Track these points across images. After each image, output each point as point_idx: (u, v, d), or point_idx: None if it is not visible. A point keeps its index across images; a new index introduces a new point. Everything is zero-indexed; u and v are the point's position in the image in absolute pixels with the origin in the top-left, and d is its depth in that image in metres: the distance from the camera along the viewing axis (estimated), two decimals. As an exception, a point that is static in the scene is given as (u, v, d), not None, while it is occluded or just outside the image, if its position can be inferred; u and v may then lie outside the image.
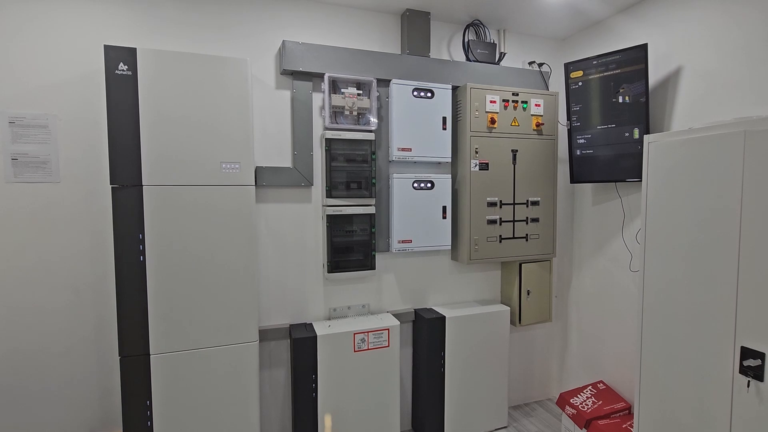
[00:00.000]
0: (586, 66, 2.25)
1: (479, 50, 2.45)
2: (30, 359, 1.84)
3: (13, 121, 1.77)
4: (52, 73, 1.81)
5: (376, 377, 2.16)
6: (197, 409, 1.81)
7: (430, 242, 2.32)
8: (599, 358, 2.56)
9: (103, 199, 1.89)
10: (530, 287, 2.54)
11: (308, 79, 2.14)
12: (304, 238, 2.21)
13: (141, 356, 1.73)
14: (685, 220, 1.58)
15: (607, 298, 2.49)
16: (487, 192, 2.36)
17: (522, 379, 2.80)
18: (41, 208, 1.82)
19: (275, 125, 2.14)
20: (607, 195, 2.48)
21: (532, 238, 2.48)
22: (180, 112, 1.73)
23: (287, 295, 2.21)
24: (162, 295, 1.74)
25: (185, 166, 1.75)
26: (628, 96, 2.11)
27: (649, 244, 1.73)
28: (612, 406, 2.24)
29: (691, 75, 1.98)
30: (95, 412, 1.94)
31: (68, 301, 1.88)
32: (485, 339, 2.40)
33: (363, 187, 2.19)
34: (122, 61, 1.66)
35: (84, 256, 1.89)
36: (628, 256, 2.32)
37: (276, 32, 2.12)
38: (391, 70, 2.24)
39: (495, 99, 2.34)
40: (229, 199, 1.82)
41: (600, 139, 2.26)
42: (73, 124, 1.85)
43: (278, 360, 2.20)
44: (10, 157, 1.77)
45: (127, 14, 1.90)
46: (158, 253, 1.73)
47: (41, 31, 1.79)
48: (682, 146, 1.59)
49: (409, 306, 2.46)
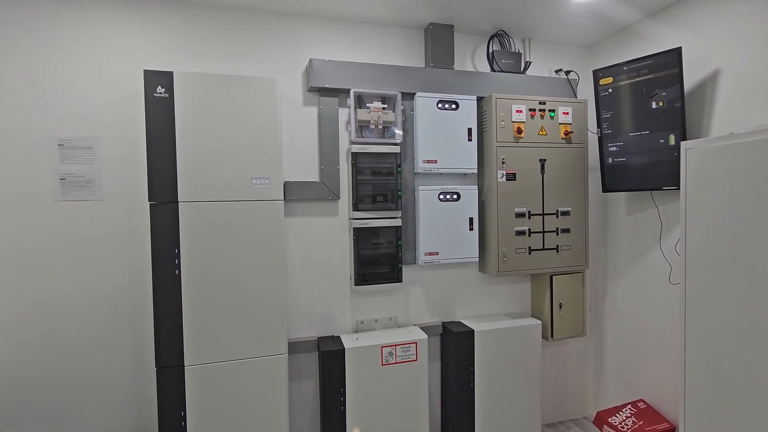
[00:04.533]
0: (616, 72, 2.20)
1: (504, 60, 2.43)
2: (72, 369, 1.93)
3: (62, 143, 1.89)
4: (95, 97, 1.93)
5: (404, 391, 2.13)
6: (229, 420, 1.84)
7: (457, 254, 2.30)
8: (638, 375, 2.43)
9: (141, 215, 1.98)
10: (562, 300, 2.46)
11: (334, 95, 2.19)
12: (331, 252, 2.24)
13: (176, 368, 1.79)
14: (729, 229, 1.50)
15: (646, 311, 2.37)
16: (515, 202, 2.32)
17: (555, 396, 2.69)
18: (86, 225, 1.93)
19: (302, 141, 2.19)
20: (642, 204, 2.38)
21: (563, 249, 2.41)
22: (213, 131, 1.81)
23: (315, 308, 2.23)
24: (196, 308, 1.80)
25: (218, 182, 1.81)
26: (662, 101, 2.03)
27: (690, 256, 1.65)
28: (654, 427, 2.12)
29: (729, 78, 1.89)
30: (132, 420, 2.01)
31: (108, 313, 1.97)
32: (516, 354, 2.33)
33: (389, 200, 2.20)
34: (160, 84, 1.75)
35: (123, 270, 1.98)
36: (667, 268, 2.21)
37: (303, 50, 2.18)
38: (415, 83, 2.26)
39: (521, 108, 2.31)
40: (260, 214, 1.87)
41: (633, 146, 2.18)
42: (114, 144, 1.96)
43: (306, 372, 2.22)
44: (59, 177, 1.89)
45: (164, 38, 2.01)
46: (192, 267, 1.79)
47: (86, 58, 1.92)
48: (724, 152, 1.52)
49: (436, 319, 2.43)
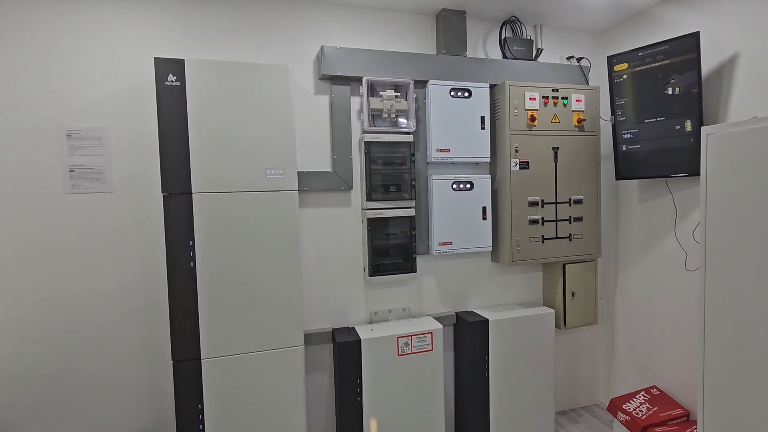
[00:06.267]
0: (631, 58, 2.17)
1: (516, 47, 2.40)
2: (86, 365, 1.91)
3: (71, 134, 1.84)
4: (104, 87, 1.88)
5: (420, 382, 2.13)
6: (246, 412, 1.83)
7: (471, 244, 2.28)
8: (651, 362, 2.44)
9: (152, 207, 1.95)
10: (575, 289, 2.46)
11: (346, 84, 2.15)
12: (345, 242, 2.22)
13: (193, 360, 1.77)
14: (751, 214, 1.49)
15: (659, 298, 2.37)
16: (528, 191, 2.30)
17: (568, 383, 2.70)
18: (96, 217, 1.89)
19: (314, 130, 2.16)
20: (656, 191, 2.37)
21: (576, 237, 2.40)
22: (226, 120, 1.77)
23: (329, 299, 2.21)
24: (211, 301, 1.77)
25: (232, 173, 1.78)
26: (679, 87, 2.01)
27: (711, 242, 1.64)
28: (669, 413, 2.13)
29: (749, 62, 1.87)
30: (147, 414, 2.00)
31: (121, 308, 1.94)
32: (529, 342, 2.33)
33: (402, 190, 2.18)
34: (171, 72, 1.70)
35: (135, 263, 1.95)
36: (683, 255, 2.21)
37: (314, 38, 2.14)
38: (427, 70, 2.22)
39: (534, 96, 2.28)
40: (274, 205, 1.84)
41: (648, 133, 2.16)
42: (124, 135, 1.91)
43: (322, 364, 2.21)
44: (68, 169, 1.85)
45: (173, 26, 1.96)
46: (207, 259, 1.76)
47: (93, 47, 1.87)
48: (746, 137, 1.50)
49: (449, 309, 2.42)
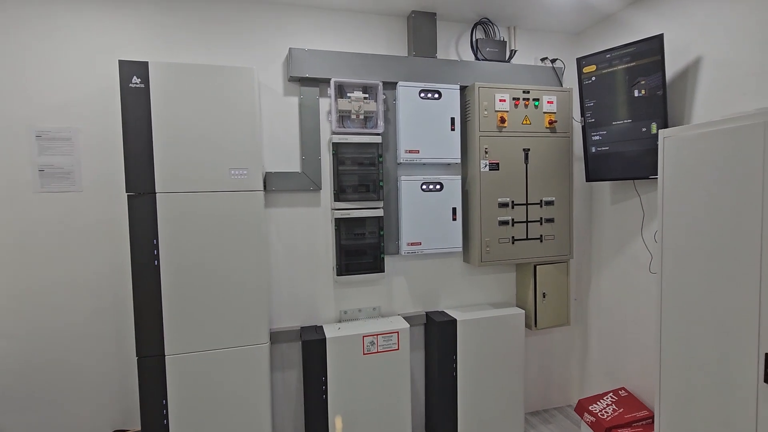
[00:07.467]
0: (599, 60, 2.18)
1: (488, 48, 2.41)
2: (55, 360, 1.95)
3: (40, 134, 1.88)
4: (74, 89, 1.92)
5: (386, 380, 2.15)
6: (211, 409, 1.86)
7: (441, 244, 2.30)
8: (621, 364, 2.45)
9: (120, 206, 1.99)
10: (546, 290, 2.47)
11: (315, 85, 2.17)
12: (314, 242, 2.24)
13: (157, 357, 1.80)
14: (703, 218, 1.50)
15: (629, 300, 2.38)
16: (498, 192, 2.31)
17: (540, 384, 2.72)
18: (65, 216, 1.93)
19: (284, 131, 2.18)
20: (625, 193, 2.38)
21: (547, 239, 2.41)
22: (190, 121, 1.80)
23: (298, 298, 2.24)
24: (175, 298, 1.81)
25: (196, 173, 1.81)
26: (645, 90, 2.02)
27: (667, 245, 1.65)
28: (633, 415, 2.14)
29: (711, 65, 1.87)
30: (117, 410, 2.04)
31: (90, 304, 1.98)
32: (499, 343, 2.35)
33: (371, 190, 2.20)
34: (135, 75, 1.74)
35: (104, 261, 1.99)
36: (648, 257, 2.21)
37: (283, 40, 2.16)
38: (397, 72, 2.24)
39: (504, 98, 2.29)
40: (239, 205, 1.87)
41: (616, 135, 2.17)
42: (93, 136, 1.95)
43: (290, 362, 2.24)
44: (38, 169, 1.89)
45: (144, 29, 1.99)
46: (171, 257, 1.80)
47: (63, 50, 1.90)
48: (700, 140, 1.51)
49: (420, 309, 2.44)
